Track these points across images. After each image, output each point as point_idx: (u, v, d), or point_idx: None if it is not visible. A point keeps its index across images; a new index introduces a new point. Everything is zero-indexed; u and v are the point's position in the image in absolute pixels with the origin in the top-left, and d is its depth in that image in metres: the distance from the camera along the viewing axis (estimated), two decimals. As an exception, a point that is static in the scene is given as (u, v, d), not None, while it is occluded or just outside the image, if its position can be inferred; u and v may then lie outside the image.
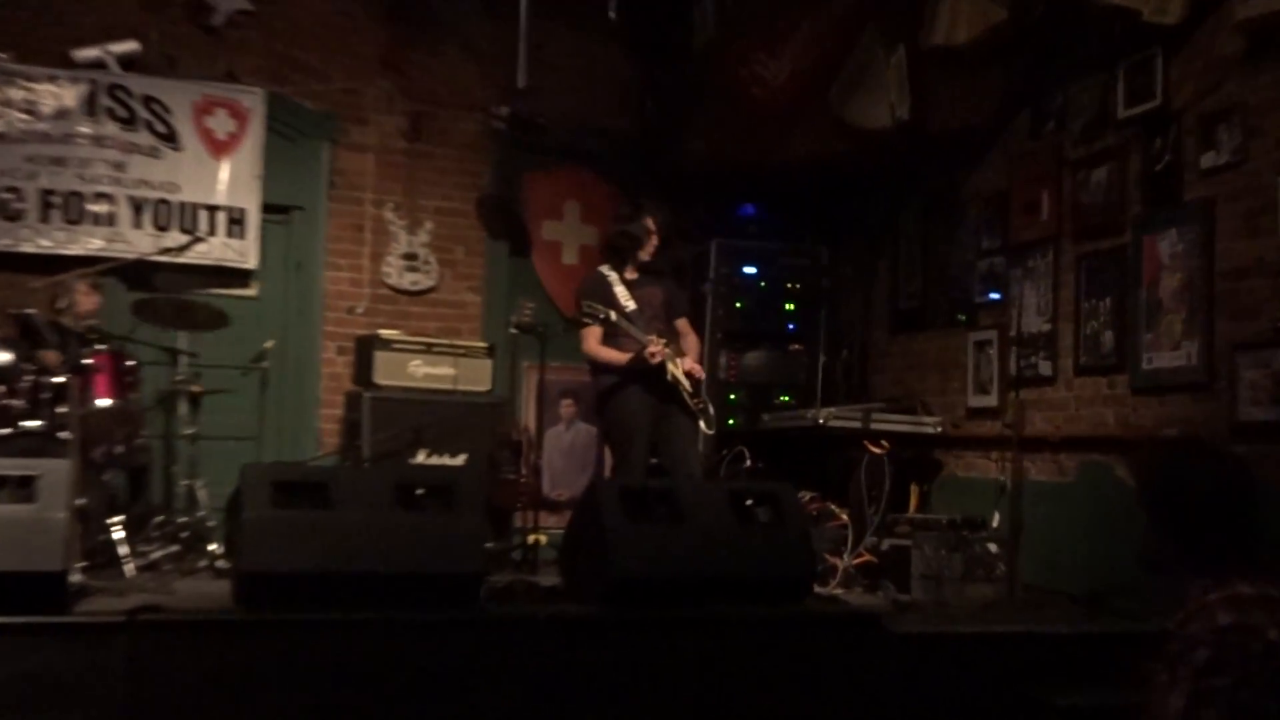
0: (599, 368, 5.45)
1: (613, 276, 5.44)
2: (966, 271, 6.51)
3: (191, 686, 3.53)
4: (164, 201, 6.26)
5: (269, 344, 6.07)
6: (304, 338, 6.75)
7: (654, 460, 5.48)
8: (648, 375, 5.27)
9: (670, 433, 5.34)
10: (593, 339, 5.39)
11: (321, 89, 6.75)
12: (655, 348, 5.16)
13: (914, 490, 6.28)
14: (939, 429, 6.40)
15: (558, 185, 7.30)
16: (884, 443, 5.94)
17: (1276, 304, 4.79)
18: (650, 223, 5.44)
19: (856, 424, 6.14)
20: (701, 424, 5.36)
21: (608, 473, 6.08)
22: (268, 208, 6.59)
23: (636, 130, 7.25)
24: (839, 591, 5.21)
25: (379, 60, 6.85)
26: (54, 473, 3.79)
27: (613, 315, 5.16)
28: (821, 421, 6.12)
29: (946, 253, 6.69)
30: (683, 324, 5.63)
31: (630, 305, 5.35)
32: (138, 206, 6.22)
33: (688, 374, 5.35)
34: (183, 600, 4.22)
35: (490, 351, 6.49)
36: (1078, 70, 5.80)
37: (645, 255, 5.41)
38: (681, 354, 5.43)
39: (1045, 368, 5.92)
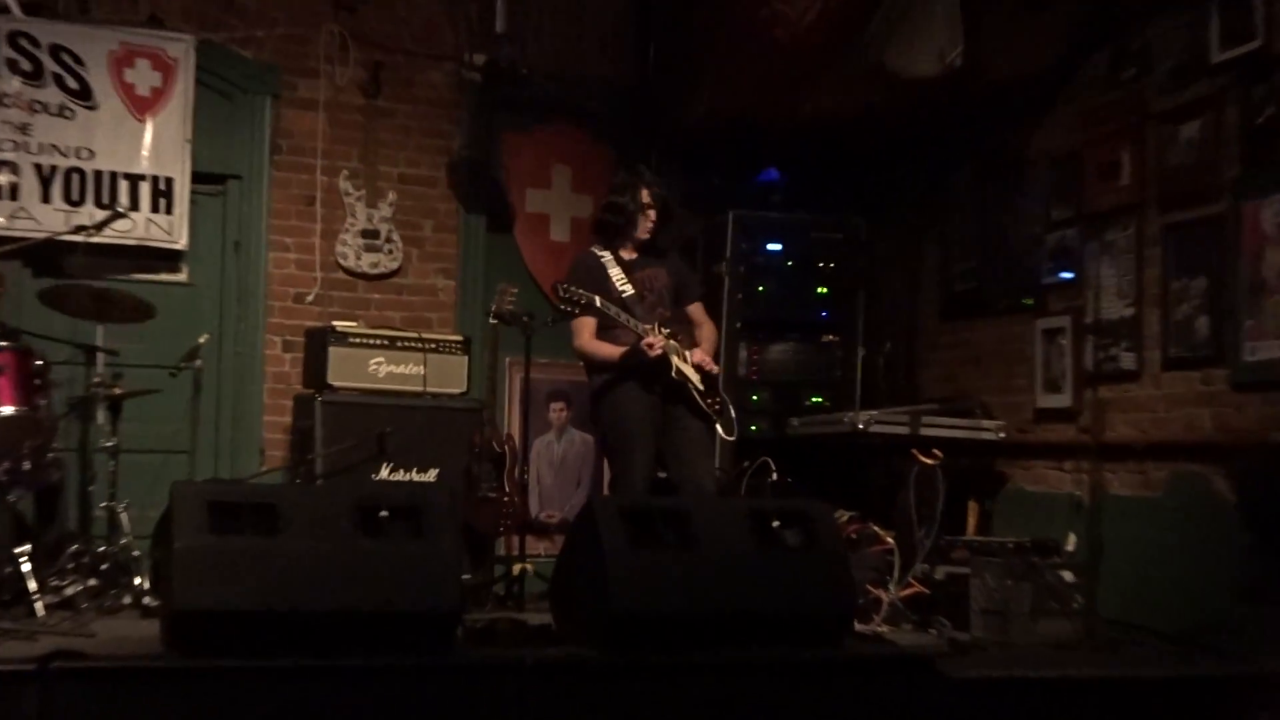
0: (593, 366, 5.41)
1: (606, 257, 5.40)
2: (1032, 246, 6.51)
3: (114, 745, 3.63)
4: (77, 170, 6.23)
5: (203, 339, 5.98)
6: (244, 331, 6.71)
7: (661, 474, 5.44)
8: (649, 372, 5.23)
9: (678, 440, 5.30)
10: (585, 332, 5.35)
11: (262, 35, 6.71)
12: (653, 338, 5.12)
13: (972, 508, 6.32)
14: (1001, 435, 6.41)
15: (544, 147, 7.26)
16: (936, 452, 5.89)
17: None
18: (645, 194, 5.38)
19: (903, 429, 6.15)
20: (719, 428, 5.33)
21: (606, 489, 6.05)
22: (199, 177, 6.56)
23: (636, 81, 7.21)
24: (884, 630, 5.20)
25: (330, 0, 6.88)
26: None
27: (597, 301, 5.10)
28: (861, 427, 6.11)
29: (1008, 224, 6.69)
30: (696, 310, 5.59)
31: (627, 290, 5.31)
32: (45, 176, 6.19)
33: (698, 367, 5.30)
34: (103, 644, 4.20)
35: (465, 346, 6.43)
36: (1163, 3, 5.77)
37: (641, 233, 5.36)
38: (692, 345, 5.37)
39: (1128, 360, 5.90)
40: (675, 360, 5.21)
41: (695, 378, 5.27)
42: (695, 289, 5.71)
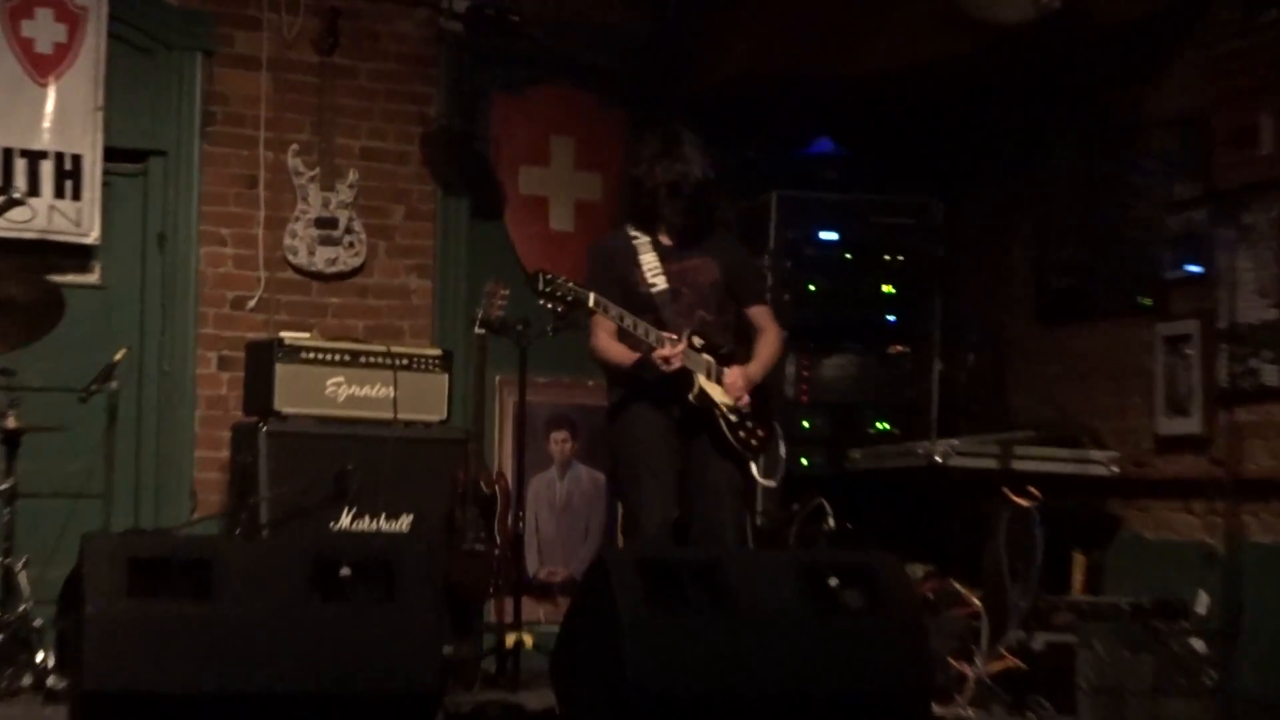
0: (609, 375, 5.43)
1: (640, 240, 5.33)
2: (1150, 232, 6.49)
3: None
4: (-40, 148, 6.72)
5: (120, 355, 5.95)
6: (171, 346, 6.72)
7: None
8: (667, 390, 5.18)
9: (695, 481, 5.27)
10: (601, 330, 5.31)
11: (191, -24, 7.12)
12: (668, 349, 5.03)
13: (1079, 560, 6.27)
14: (1114, 469, 6.37)
15: (540, 113, 7.29)
16: (1032, 490, 5.84)
17: None
18: (664, 169, 5.25)
19: (991, 463, 6.13)
20: (753, 469, 5.27)
21: (621, 539, 6.10)
22: (114, 154, 6.58)
23: (654, 32, 7.19)
24: (969, 714, 5.18)
25: (274, -70, 7.18)
26: None
27: (590, 298, 5.03)
28: (938, 460, 6.09)
29: (1119, 205, 6.66)
30: (758, 315, 5.50)
31: (658, 283, 5.26)
32: (-78, 154, 6.64)
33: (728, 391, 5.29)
34: (-5, 738, 4.47)
35: (446, 362, 6.42)
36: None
37: (674, 216, 5.27)
38: (727, 361, 5.27)
39: (1270, 375, 5.89)
40: (700, 379, 5.15)
41: (724, 401, 5.21)
42: (755, 288, 5.66)
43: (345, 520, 6.03)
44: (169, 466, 6.70)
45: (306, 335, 6.43)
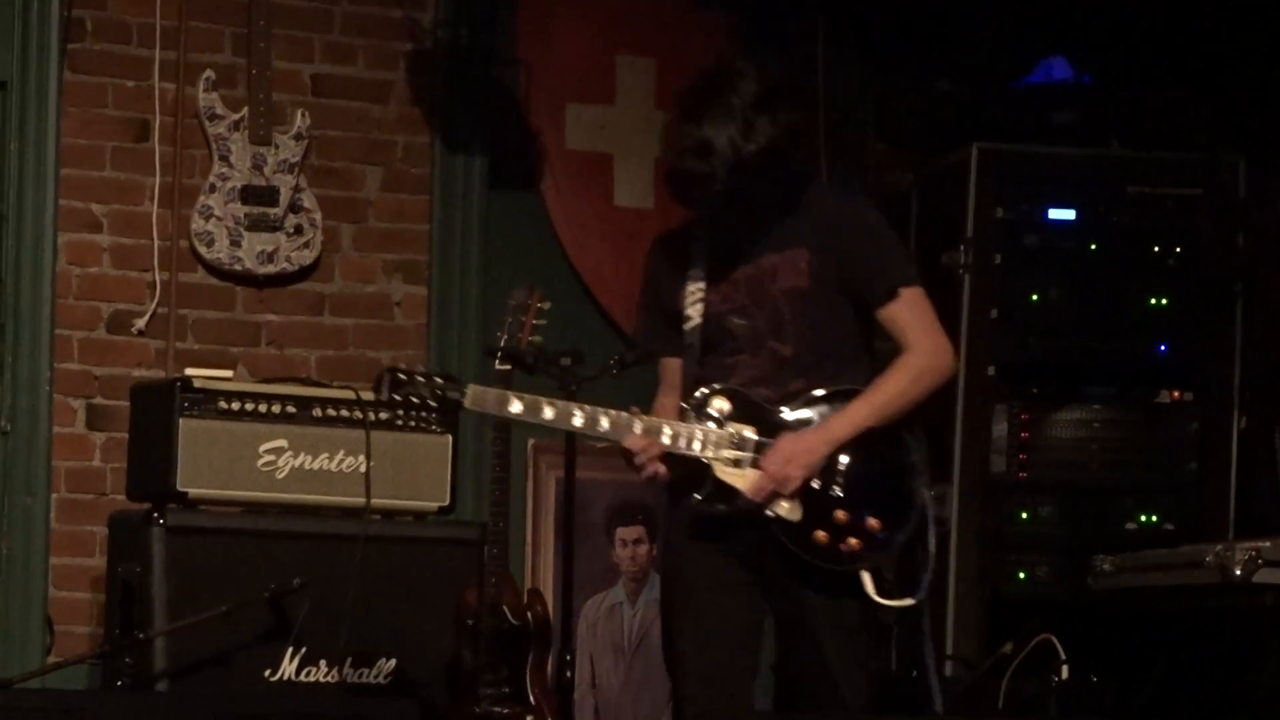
0: None
1: (697, 241, 5.32)
2: None
3: None
4: None
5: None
6: (12, 389, 6.71)
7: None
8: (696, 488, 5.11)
9: (778, 619, 5.27)
10: (663, 385, 5.40)
11: None
12: (634, 437, 5.10)
13: None
14: None
15: (598, 20, 7.24)
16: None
17: None
18: (692, 127, 5.12)
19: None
20: (865, 582, 5.11)
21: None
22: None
23: None
24: None
25: None
26: None
27: (468, 396, 5.15)
28: (1238, 574, 5.88)
29: None
30: (893, 316, 5.24)
31: (693, 316, 5.28)
32: None
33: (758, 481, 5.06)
34: None
35: (448, 416, 6.31)
36: None
37: (716, 184, 5.12)
38: (793, 424, 5.10)
39: None
40: (719, 470, 5.11)
41: (779, 502, 5.13)
42: (880, 273, 5.22)
43: (288, 667, 6.00)
44: (10, 582, 6.59)
45: (227, 374, 6.38)
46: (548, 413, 5.17)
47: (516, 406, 5.17)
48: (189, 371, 6.19)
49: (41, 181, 6.65)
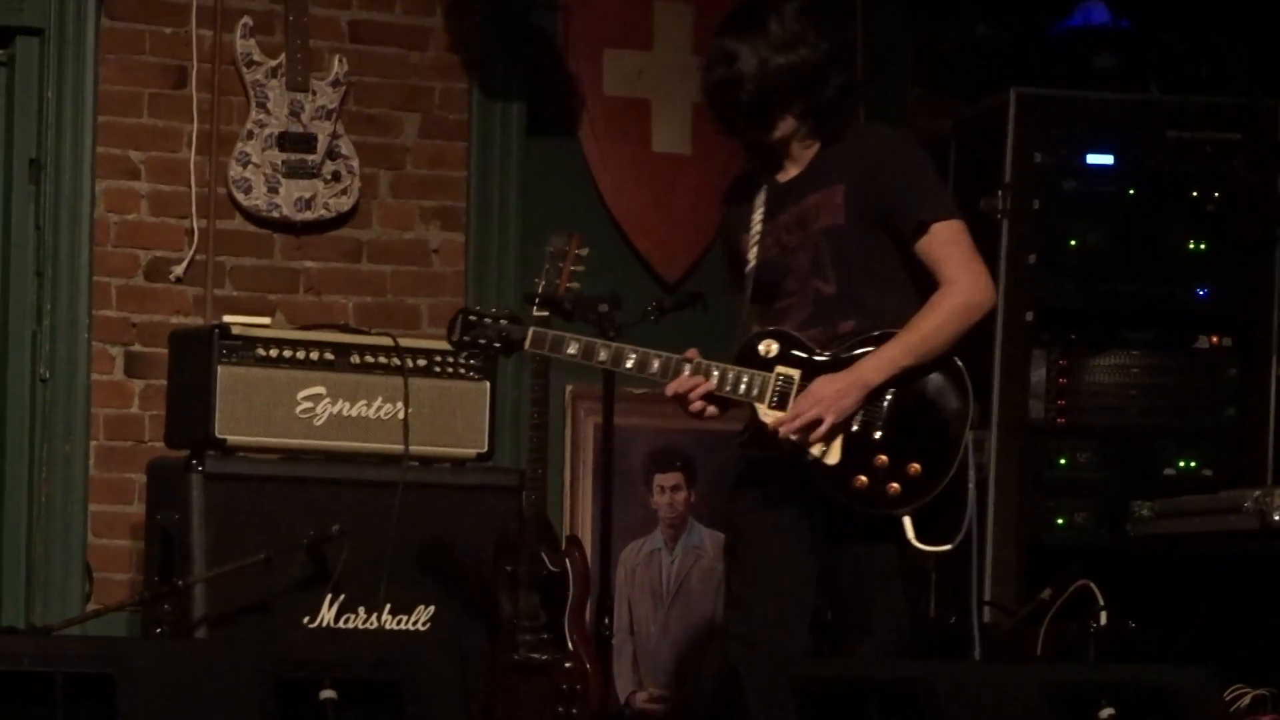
0: None
1: (758, 182, 5.40)
2: None
3: None
4: None
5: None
6: (51, 337, 6.80)
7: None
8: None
9: (824, 560, 5.36)
10: (743, 312, 5.43)
11: None
12: (678, 381, 5.21)
13: None
14: None
15: None
16: None
17: None
18: (722, 56, 5.26)
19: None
20: (906, 527, 5.19)
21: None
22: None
23: None
24: None
25: None
26: None
27: (527, 337, 5.33)
28: (1277, 519, 6.08)
29: None
30: (929, 249, 5.29)
31: (751, 257, 5.37)
32: None
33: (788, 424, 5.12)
34: None
35: (487, 363, 6.44)
36: None
37: (742, 93, 5.27)
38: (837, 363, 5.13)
39: None
40: (761, 410, 5.19)
41: (815, 442, 5.20)
42: (914, 204, 5.27)
43: (327, 614, 6.10)
44: (51, 531, 6.68)
45: (265, 321, 6.44)
46: (602, 354, 5.25)
47: (573, 348, 5.25)
48: (227, 318, 6.28)
49: (79, 129, 6.74)
